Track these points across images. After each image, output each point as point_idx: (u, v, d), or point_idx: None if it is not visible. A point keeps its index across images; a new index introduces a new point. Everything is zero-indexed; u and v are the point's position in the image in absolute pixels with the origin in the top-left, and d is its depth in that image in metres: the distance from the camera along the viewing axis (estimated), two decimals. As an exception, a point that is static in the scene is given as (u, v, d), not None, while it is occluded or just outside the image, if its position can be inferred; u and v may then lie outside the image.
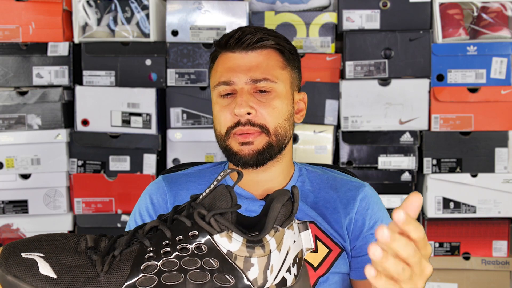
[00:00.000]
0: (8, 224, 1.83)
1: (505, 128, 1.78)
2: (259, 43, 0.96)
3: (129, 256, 0.54)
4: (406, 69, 1.79)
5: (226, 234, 0.55)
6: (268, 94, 0.95)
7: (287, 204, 0.58)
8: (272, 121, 0.95)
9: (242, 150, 0.94)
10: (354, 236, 0.98)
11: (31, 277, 0.51)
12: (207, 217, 0.55)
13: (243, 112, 0.92)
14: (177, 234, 0.55)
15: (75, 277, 0.52)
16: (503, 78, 1.78)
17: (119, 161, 1.81)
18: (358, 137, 1.80)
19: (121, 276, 0.53)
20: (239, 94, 0.94)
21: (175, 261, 0.54)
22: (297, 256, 0.59)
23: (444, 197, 1.78)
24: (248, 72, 0.95)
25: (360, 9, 1.80)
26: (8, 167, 1.80)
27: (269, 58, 0.97)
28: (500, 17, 1.77)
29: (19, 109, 1.80)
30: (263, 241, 0.55)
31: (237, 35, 0.96)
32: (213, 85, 0.99)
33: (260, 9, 1.87)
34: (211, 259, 0.54)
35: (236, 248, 0.54)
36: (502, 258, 1.81)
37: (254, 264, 0.55)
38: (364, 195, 1.01)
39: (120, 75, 1.83)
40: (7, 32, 1.80)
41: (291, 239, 0.58)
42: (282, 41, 1.00)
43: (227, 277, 0.54)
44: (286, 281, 0.57)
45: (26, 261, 0.52)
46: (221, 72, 0.97)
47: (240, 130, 0.93)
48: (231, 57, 0.97)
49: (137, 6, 1.79)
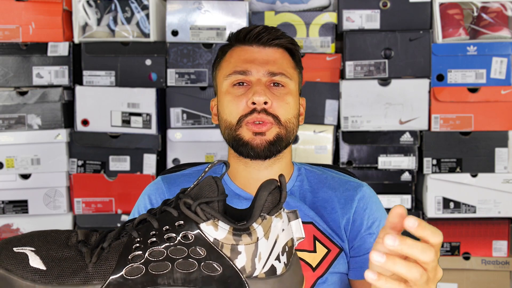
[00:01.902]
0: (8, 224, 1.83)
1: (505, 128, 1.78)
2: (277, 40, 0.99)
3: (118, 247, 0.55)
4: (406, 69, 1.78)
5: (212, 222, 0.54)
6: (282, 88, 0.98)
7: (274, 192, 0.58)
8: (284, 114, 0.96)
9: (254, 139, 0.94)
10: (352, 236, 0.98)
11: (21, 270, 0.53)
12: (193, 206, 0.55)
13: (262, 100, 0.93)
14: (164, 224, 0.56)
15: (64, 269, 0.53)
16: (503, 78, 1.78)
17: (119, 161, 1.81)
18: (358, 137, 1.80)
19: (109, 267, 0.54)
20: (256, 84, 0.96)
21: (162, 251, 0.54)
22: (286, 245, 0.58)
23: (444, 197, 1.78)
24: (266, 65, 0.97)
25: (360, 9, 1.80)
26: (8, 167, 1.80)
27: (283, 57, 1.01)
28: (500, 17, 1.77)
29: (19, 109, 1.80)
30: (250, 229, 0.55)
31: (257, 30, 0.99)
32: (225, 74, 0.99)
33: (260, 9, 1.88)
34: (198, 248, 0.54)
35: (222, 236, 0.54)
36: (502, 258, 1.81)
37: (242, 252, 0.54)
38: (362, 195, 1.01)
39: (120, 75, 1.83)
40: (7, 32, 1.80)
41: (280, 227, 0.57)
42: (296, 44, 1.04)
43: (215, 265, 0.54)
44: (276, 270, 0.57)
45: (17, 255, 0.54)
46: (236, 62, 0.99)
47: (255, 117, 0.94)
48: (248, 50, 0.99)
49: (137, 6, 1.79)
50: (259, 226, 0.55)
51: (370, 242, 0.98)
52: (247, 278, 0.55)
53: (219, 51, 1.06)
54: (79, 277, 0.53)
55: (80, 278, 0.53)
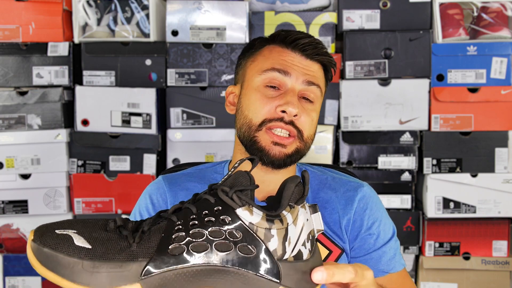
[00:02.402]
0: (8, 224, 1.83)
1: (505, 128, 1.78)
2: (319, 57, 0.98)
3: (159, 230, 0.59)
4: (406, 69, 1.79)
5: (248, 208, 0.59)
6: (311, 104, 0.96)
7: (299, 185, 0.63)
8: (308, 130, 0.95)
9: (273, 149, 0.93)
10: (353, 237, 0.98)
11: (67, 248, 0.55)
12: (230, 193, 0.60)
13: (294, 112, 0.92)
14: (202, 210, 0.60)
15: (109, 247, 0.56)
16: (503, 78, 1.78)
17: (119, 161, 1.81)
18: (358, 137, 1.80)
19: (153, 245, 0.57)
20: (291, 93, 0.93)
21: (202, 232, 0.58)
22: (310, 234, 0.63)
23: (444, 197, 1.78)
24: (306, 75, 0.95)
25: (360, 9, 1.80)
26: (8, 167, 1.80)
27: (319, 72, 0.99)
28: (500, 17, 1.77)
29: (19, 109, 1.80)
30: (280, 216, 0.60)
31: (306, 41, 0.96)
32: (261, 69, 0.96)
33: (260, 9, 1.88)
34: (235, 231, 0.58)
35: (257, 220, 0.59)
36: (502, 258, 1.81)
37: (274, 235, 0.59)
38: (362, 195, 1.01)
39: (120, 75, 1.83)
40: (7, 32, 1.80)
41: (304, 217, 0.62)
42: (334, 64, 1.02)
43: (250, 247, 0.58)
44: (302, 255, 0.61)
45: (61, 236, 0.56)
46: (277, 60, 0.96)
47: (282, 126, 0.92)
48: (289, 54, 0.97)
49: (137, 6, 1.79)
50: (288, 213, 0.60)
51: (370, 243, 0.98)
52: (278, 260, 0.59)
53: (255, 41, 1.03)
54: (124, 254, 0.56)
55: (125, 255, 0.56)
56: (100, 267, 0.55)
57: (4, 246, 1.84)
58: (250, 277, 0.58)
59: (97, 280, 0.55)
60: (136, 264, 0.56)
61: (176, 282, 0.57)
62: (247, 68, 1.00)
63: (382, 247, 0.99)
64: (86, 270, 0.55)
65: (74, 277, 0.55)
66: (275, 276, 0.59)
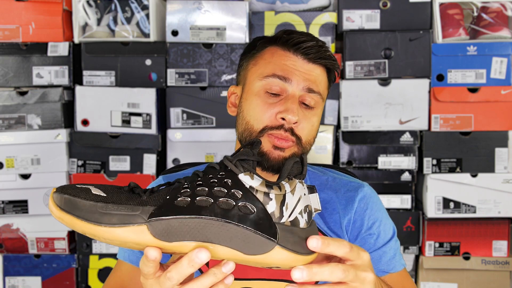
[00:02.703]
0: (8, 224, 1.83)
1: (505, 128, 1.78)
2: (322, 60, 0.96)
3: (167, 189, 0.64)
4: (406, 69, 1.79)
5: (249, 174, 0.65)
6: (311, 110, 0.95)
7: (297, 163, 0.67)
8: (307, 136, 0.95)
9: (273, 153, 0.92)
10: (353, 237, 0.98)
11: (84, 195, 0.62)
12: (233, 160, 0.66)
13: (294, 120, 0.91)
14: (208, 174, 0.66)
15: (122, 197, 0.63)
16: (503, 78, 1.78)
17: (119, 161, 1.81)
18: (358, 137, 1.80)
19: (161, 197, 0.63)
20: (292, 100, 0.92)
21: (206, 190, 0.63)
22: (307, 207, 0.67)
23: (444, 197, 1.78)
24: (307, 81, 0.94)
25: (360, 9, 1.80)
26: (8, 167, 1.80)
27: (322, 75, 0.98)
28: (500, 17, 1.77)
29: (19, 109, 1.80)
30: (279, 184, 0.65)
31: (309, 45, 0.95)
32: (262, 74, 0.96)
33: (260, 9, 1.88)
34: (236, 191, 0.63)
35: (257, 184, 0.64)
36: (502, 258, 1.81)
37: (272, 199, 0.64)
38: (363, 195, 1.01)
39: (120, 75, 1.83)
40: (7, 32, 1.80)
41: (302, 191, 0.66)
42: (337, 66, 1.01)
43: (249, 206, 0.63)
44: (299, 222, 0.65)
45: (80, 188, 0.63)
46: (278, 65, 0.95)
47: (280, 134, 0.92)
48: (291, 58, 0.95)
49: (137, 6, 1.79)
50: (286, 183, 0.65)
51: (370, 243, 0.98)
52: (276, 222, 0.63)
53: (256, 41, 1.02)
54: (135, 201, 0.62)
55: (136, 202, 0.62)
56: (112, 208, 0.61)
57: (4, 246, 1.84)
58: (249, 234, 0.62)
59: (108, 219, 0.60)
60: (144, 209, 0.61)
61: (179, 231, 0.61)
62: (249, 71, 1.00)
63: (382, 247, 0.99)
64: (99, 211, 0.61)
65: (87, 217, 0.61)
66: (272, 235, 0.63)
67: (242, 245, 0.62)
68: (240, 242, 0.62)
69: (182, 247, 0.61)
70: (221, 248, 0.62)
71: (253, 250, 0.62)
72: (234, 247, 0.62)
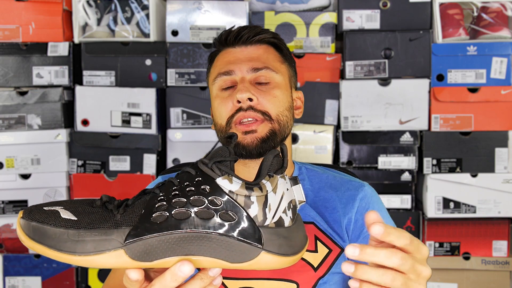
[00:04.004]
0: (8, 224, 1.83)
1: (505, 128, 1.78)
2: (257, 37, 0.99)
3: (142, 202, 0.61)
4: (406, 69, 1.79)
5: (227, 177, 0.61)
6: (267, 85, 0.97)
7: (277, 157, 0.65)
8: (274, 108, 0.95)
9: (245, 138, 0.92)
10: (355, 236, 0.98)
11: (53, 220, 0.57)
12: (209, 164, 0.62)
13: (245, 97, 0.92)
14: (183, 181, 0.62)
15: (94, 218, 0.59)
16: (503, 78, 1.78)
17: (119, 161, 1.81)
18: (358, 137, 1.80)
19: (136, 215, 0.59)
20: (240, 82, 0.95)
21: (183, 200, 0.60)
22: (291, 203, 0.64)
23: (444, 197, 1.78)
24: (249, 62, 0.97)
25: (360, 9, 1.80)
26: (8, 167, 1.80)
27: (267, 52, 1.00)
28: (500, 17, 1.77)
29: (19, 109, 1.80)
30: (259, 184, 0.62)
31: (236, 30, 0.99)
32: (212, 79, 1.01)
33: (260, 9, 1.88)
34: (215, 199, 0.60)
35: (236, 188, 0.60)
36: (502, 258, 1.81)
37: (254, 202, 0.60)
38: (364, 194, 1.01)
39: (120, 75, 1.83)
40: (7, 32, 1.80)
41: (284, 186, 0.63)
42: (279, 37, 1.03)
43: (230, 214, 0.60)
44: (284, 222, 0.62)
45: (48, 211, 0.59)
46: (221, 65, 0.99)
47: (242, 115, 0.92)
48: (231, 52, 1.00)
49: (137, 6, 1.79)
50: (267, 182, 0.62)
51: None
52: (259, 226, 0.61)
53: (209, 58, 1.07)
54: (108, 223, 0.58)
55: (109, 224, 0.58)
56: (85, 235, 0.57)
57: (4, 246, 1.84)
58: (233, 242, 0.59)
59: (82, 248, 0.57)
60: (119, 231, 0.57)
61: (159, 249, 0.58)
62: (208, 83, 1.05)
63: (383, 247, 0.98)
64: (72, 239, 0.57)
65: (60, 246, 0.57)
66: (257, 241, 0.60)
67: (226, 254, 0.59)
68: (224, 251, 0.59)
69: (165, 263, 0.59)
70: (205, 259, 0.59)
71: (238, 258, 0.60)
72: (218, 257, 0.59)
